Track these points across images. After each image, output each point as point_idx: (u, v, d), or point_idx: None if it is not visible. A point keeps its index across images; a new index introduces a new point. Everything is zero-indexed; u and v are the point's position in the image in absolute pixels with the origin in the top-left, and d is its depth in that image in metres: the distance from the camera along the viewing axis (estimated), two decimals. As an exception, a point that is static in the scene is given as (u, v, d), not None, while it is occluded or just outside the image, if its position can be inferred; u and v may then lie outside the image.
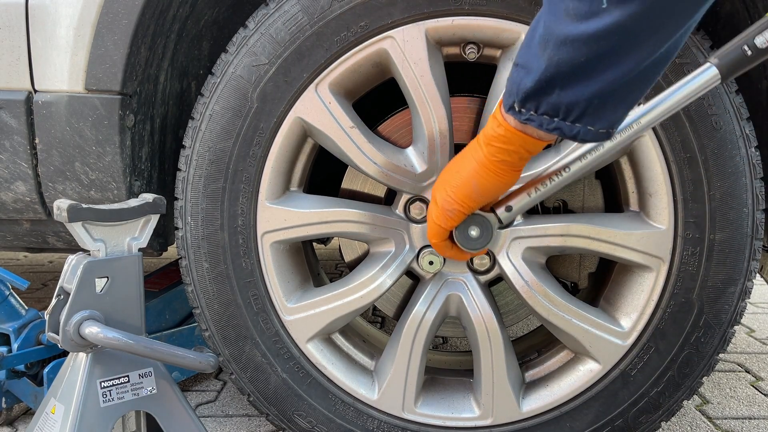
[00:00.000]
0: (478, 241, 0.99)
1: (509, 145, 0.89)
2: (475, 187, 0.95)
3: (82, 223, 1.10)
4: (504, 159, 0.91)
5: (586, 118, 0.81)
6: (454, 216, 0.99)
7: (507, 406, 1.30)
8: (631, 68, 0.76)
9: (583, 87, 0.78)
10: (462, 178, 0.97)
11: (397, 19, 1.17)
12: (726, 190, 1.19)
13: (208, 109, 1.24)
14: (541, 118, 0.83)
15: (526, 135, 0.87)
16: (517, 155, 0.91)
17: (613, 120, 0.82)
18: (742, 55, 0.86)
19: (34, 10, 1.24)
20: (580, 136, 0.82)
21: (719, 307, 1.23)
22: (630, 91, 0.79)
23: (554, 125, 0.82)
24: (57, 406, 1.11)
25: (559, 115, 0.81)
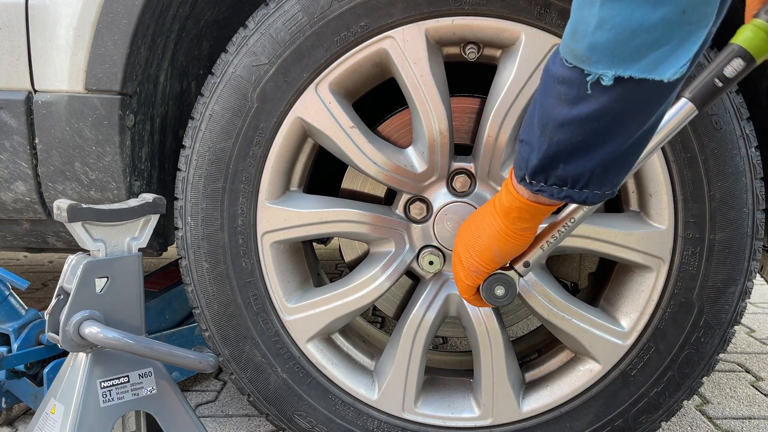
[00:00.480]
0: (505, 298, 1.08)
1: (525, 214, 0.96)
2: (497, 251, 1.02)
3: (82, 223, 1.10)
4: (523, 227, 0.98)
5: (592, 185, 0.86)
6: (479, 275, 1.06)
7: (507, 406, 1.30)
8: (624, 141, 0.81)
9: (585, 161, 0.83)
10: (484, 243, 1.03)
11: (397, 19, 1.17)
12: (726, 190, 1.19)
13: (208, 109, 1.24)
14: (551, 188, 0.88)
15: (540, 204, 0.93)
16: (534, 221, 0.98)
17: (616, 183, 0.88)
18: (713, 87, 0.94)
19: (34, 10, 1.24)
20: (589, 200, 0.88)
21: (719, 307, 1.23)
22: (627, 158, 0.84)
23: (564, 194, 0.88)
24: (57, 406, 1.11)
25: (567, 185, 0.87)
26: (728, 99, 1.16)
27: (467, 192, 1.25)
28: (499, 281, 1.08)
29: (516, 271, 1.08)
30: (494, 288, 1.08)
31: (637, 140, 0.82)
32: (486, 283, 1.08)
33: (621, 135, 0.80)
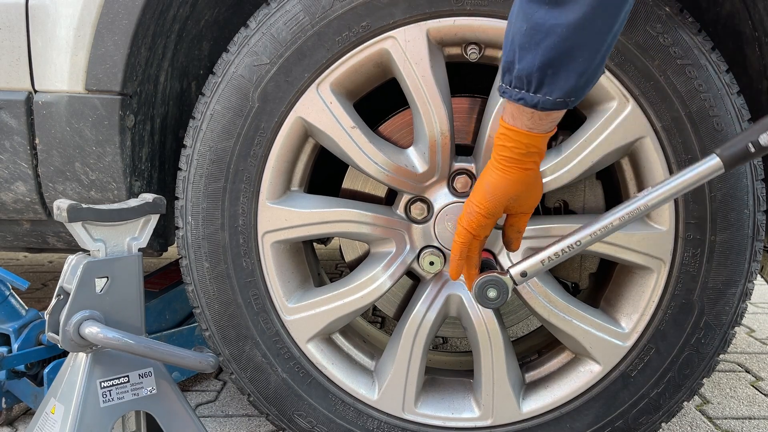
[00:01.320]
0: (495, 301, 1.08)
1: (507, 141, 0.99)
2: (488, 186, 1.03)
3: (82, 223, 1.10)
4: (506, 155, 1.00)
5: (544, 88, 0.90)
6: (472, 218, 1.06)
7: (507, 407, 1.29)
8: (564, 36, 0.85)
9: (532, 56, 0.88)
10: (479, 183, 1.05)
11: (399, 19, 1.17)
12: (727, 191, 1.18)
13: (209, 109, 1.24)
14: (512, 90, 0.93)
15: (516, 128, 0.97)
16: (517, 150, 0.99)
17: (566, 89, 0.90)
18: (745, 151, 0.96)
19: (34, 11, 1.23)
20: (540, 104, 0.91)
21: (720, 308, 1.23)
22: (572, 58, 0.88)
23: (519, 95, 0.92)
24: (57, 406, 1.11)
25: (523, 86, 0.91)
26: (729, 100, 1.16)
27: (468, 192, 1.25)
28: (493, 283, 1.08)
29: (512, 277, 1.08)
30: (486, 289, 1.08)
31: (581, 39, 0.86)
32: (479, 283, 1.08)
33: (558, 28, 0.85)
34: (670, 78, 1.15)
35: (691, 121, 1.17)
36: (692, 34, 1.15)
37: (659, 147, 1.18)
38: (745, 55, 1.30)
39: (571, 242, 1.05)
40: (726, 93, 1.16)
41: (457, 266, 1.11)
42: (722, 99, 1.16)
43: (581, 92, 0.92)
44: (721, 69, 1.16)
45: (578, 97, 0.92)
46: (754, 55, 1.28)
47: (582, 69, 0.89)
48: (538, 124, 0.96)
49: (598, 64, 0.90)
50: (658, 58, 1.15)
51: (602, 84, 1.17)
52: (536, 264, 1.07)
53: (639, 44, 1.15)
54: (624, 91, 1.17)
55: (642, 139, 1.18)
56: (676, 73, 1.15)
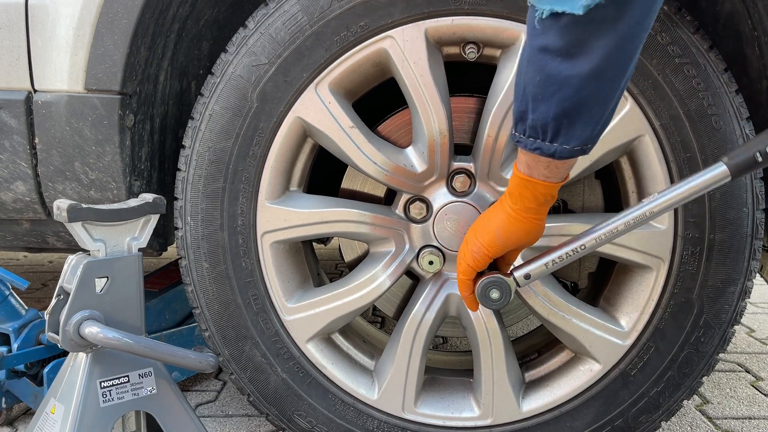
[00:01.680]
0: (498, 302, 1.09)
1: (525, 191, 0.98)
2: (499, 233, 1.03)
3: (81, 223, 1.10)
4: (525, 206, 1.00)
5: (561, 137, 0.89)
6: (479, 258, 1.07)
7: (507, 406, 1.30)
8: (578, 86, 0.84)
9: (547, 107, 0.87)
10: (489, 225, 1.05)
11: (397, 18, 1.17)
12: (726, 189, 1.18)
13: (208, 109, 1.24)
14: (527, 140, 0.91)
15: (533, 179, 0.96)
16: (535, 201, 0.98)
17: (584, 138, 0.89)
18: (753, 160, 0.97)
19: (33, 10, 1.24)
20: (557, 154, 0.90)
21: (719, 306, 1.23)
22: (588, 107, 0.87)
23: (535, 145, 0.91)
24: (57, 406, 1.11)
25: (539, 135, 0.90)
26: (728, 99, 1.16)
27: (467, 192, 1.25)
28: (496, 285, 1.08)
29: (515, 279, 1.08)
30: (489, 291, 1.08)
31: (596, 89, 0.85)
32: (482, 284, 1.08)
33: (572, 80, 0.84)
34: (668, 76, 1.15)
35: (689, 119, 1.17)
36: (690, 32, 1.15)
37: (658, 145, 1.18)
38: (744, 55, 1.30)
39: (576, 246, 1.05)
40: (725, 92, 1.16)
41: (471, 302, 1.12)
42: (721, 98, 1.16)
43: (597, 138, 0.91)
44: (719, 68, 1.16)
45: (594, 142, 0.92)
46: (753, 54, 1.28)
47: (598, 117, 0.88)
48: (554, 173, 0.95)
49: (613, 108, 0.90)
50: (657, 57, 1.15)
51: (601, 83, 1.17)
52: (540, 267, 1.07)
53: (637, 43, 1.14)
54: (623, 90, 1.17)
55: (640, 138, 1.18)
56: (675, 71, 1.15)
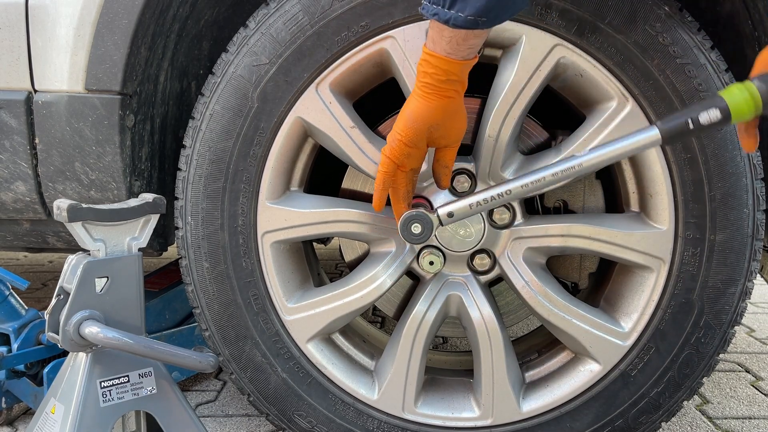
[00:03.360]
0: (419, 237, 1.11)
1: (428, 67, 1.01)
2: (409, 114, 1.06)
3: (82, 223, 1.09)
4: (427, 82, 1.03)
5: (457, 5, 0.93)
6: (395, 146, 1.08)
7: (507, 406, 1.29)
8: None
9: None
10: (402, 112, 1.08)
11: (398, 19, 1.17)
12: (726, 190, 1.18)
13: (209, 109, 1.24)
14: (430, 6, 0.96)
15: (436, 54, 0.99)
16: (437, 77, 1.02)
17: (478, 8, 0.93)
18: (684, 126, 0.97)
19: (34, 10, 1.23)
20: (451, 20, 0.94)
21: (719, 307, 1.23)
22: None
23: (434, 11, 0.95)
24: (57, 406, 1.11)
25: (439, 1, 0.94)
26: (729, 99, 1.16)
27: (467, 192, 1.25)
28: (418, 219, 1.10)
29: (438, 216, 1.10)
30: (411, 225, 1.11)
31: None
32: (404, 218, 1.11)
33: None
34: (669, 77, 1.15)
35: (690, 120, 1.16)
36: (691, 33, 1.15)
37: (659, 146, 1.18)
38: (745, 55, 1.30)
39: (502, 191, 1.07)
40: (725, 92, 1.16)
41: (379, 197, 1.14)
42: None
43: (494, 14, 0.94)
44: (720, 68, 1.16)
45: (490, 18, 0.94)
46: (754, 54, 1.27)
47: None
48: (455, 49, 0.98)
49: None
50: (658, 58, 1.15)
51: (601, 83, 1.17)
52: (464, 207, 1.10)
53: (638, 43, 1.15)
54: (623, 90, 1.17)
55: (641, 139, 1.18)
56: (676, 72, 1.15)
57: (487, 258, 1.29)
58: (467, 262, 1.30)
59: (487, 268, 1.30)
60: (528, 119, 1.31)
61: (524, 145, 1.33)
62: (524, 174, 1.06)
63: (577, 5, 1.14)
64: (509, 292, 1.59)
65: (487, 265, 1.29)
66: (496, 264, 1.29)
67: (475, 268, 1.30)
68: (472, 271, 1.30)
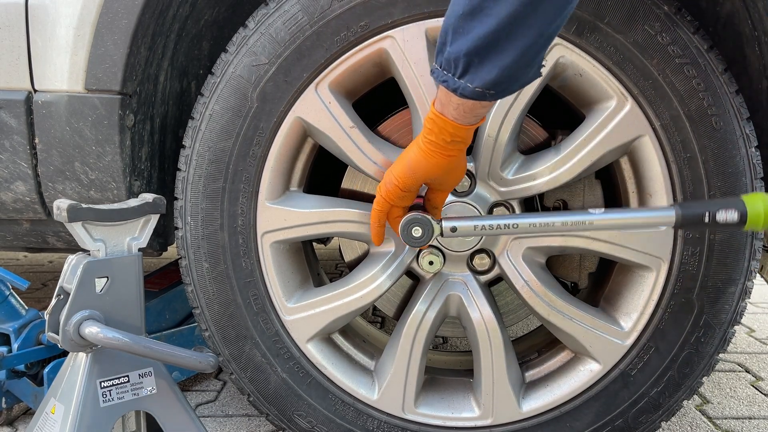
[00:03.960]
0: (419, 240, 1.12)
1: (434, 126, 1.01)
2: (408, 163, 1.07)
3: (81, 223, 1.10)
4: (432, 140, 1.03)
5: (467, 75, 0.91)
6: (390, 188, 1.10)
7: (507, 406, 1.30)
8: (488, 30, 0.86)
9: (463, 40, 0.89)
10: (402, 157, 1.09)
11: (398, 18, 1.17)
12: (726, 190, 1.18)
13: (208, 109, 1.24)
14: (440, 72, 0.94)
15: (443, 116, 0.99)
16: (443, 137, 1.01)
17: (488, 81, 0.91)
18: (701, 219, 0.99)
19: (34, 10, 1.23)
20: (459, 90, 0.93)
21: (719, 307, 1.23)
22: (499, 53, 0.88)
23: (444, 77, 0.94)
24: (57, 406, 1.11)
25: (450, 69, 0.92)
26: (728, 99, 1.16)
27: (467, 192, 1.25)
28: (419, 223, 1.11)
29: (441, 226, 1.11)
30: (412, 228, 1.11)
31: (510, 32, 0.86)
32: (406, 220, 1.11)
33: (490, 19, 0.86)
34: (668, 77, 1.15)
35: (690, 119, 1.17)
36: (690, 32, 1.15)
37: (658, 146, 1.18)
38: (744, 55, 1.30)
39: (509, 222, 1.08)
40: (725, 92, 1.16)
41: (377, 233, 1.17)
42: (721, 98, 1.16)
43: (502, 88, 0.92)
44: (719, 68, 1.16)
45: (498, 91, 0.92)
46: (753, 54, 1.27)
47: (506, 64, 0.89)
48: (463, 116, 0.98)
49: (526, 64, 0.91)
50: (657, 57, 1.15)
51: (600, 83, 1.17)
52: (468, 225, 1.10)
53: (637, 43, 1.15)
54: (622, 89, 1.17)
55: (641, 138, 1.18)
56: (675, 71, 1.15)
57: (486, 258, 1.29)
58: (467, 261, 1.30)
59: (486, 267, 1.30)
60: (527, 119, 1.31)
61: (524, 144, 1.33)
62: (536, 214, 1.06)
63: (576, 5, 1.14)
64: (509, 292, 1.59)
65: (486, 264, 1.30)
66: (495, 264, 1.29)
67: (475, 268, 1.30)
68: (472, 271, 1.30)
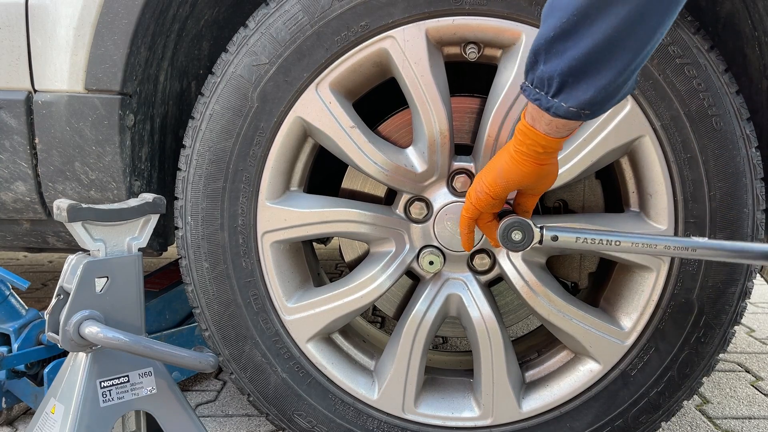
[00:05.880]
0: (520, 244, 1.08)
1: (525, 138, 0.99)
2: (500, 172, 1.04)
3: (81, 223, 1.09)
4: (524, 151, 1.01)
5: (562, 95, 0.89)
6: (481, 196, 1.08)
7: (507, 406, 1.29)
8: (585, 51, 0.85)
9: (557, 61, 0.87)
10: (494, 165, 1.06)
11: (398, 18, 1.17)
12: (726, 190, 1.19)
13: (209, 109, 1.24)
14: (532, 89, 0.92)
15: (534, 129, 0.97)
16: (534, 149, 0.99)
17: (582, 101, 0.89)
18: None
19: (34, 10, 1.23)
20: (552, 109, 0.91)
21: (719, 307, 1.23)
22: (596, 74, 0.87)
23: (537, 96, 0.92)
24: (57, 406, 1.11)
25: (543, 87, 0.90)
26: (729, 99, 1.16)
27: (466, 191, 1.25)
28: (520, 226, 1.07)
29: (542, 233, 1.08)
30: (512, 231, 1.08)
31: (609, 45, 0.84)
32: (506, 223, 1.08)
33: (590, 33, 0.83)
34: (669, 77, 1.15)
35: (690, 120, 1.17)
36: (691, 33, 1.15)
37: (658, 146, 1.18)
38: (744, 55, 1.30)
39: (611, 239, 1.05)
40: (725, 92, 1.16)
41: (467, 239, 1.15)
42: (721, 98, 1.16)
43: (598, 107, 0.91)
44: (720, 68, 1.16)
45: (594, 111, 0.91)
46: (753, 54, 1.28)
47: (603, 84, 0.87)
48: (555, 130, 0.95)
49: (623, 82, 0.89)
50: (657, 57, 1.15)
51: (601, 83, 1.17)
52: (570, 237, 1.07)
53: (638, 43, 1.14)
54: (623, 90, 1.17)
55: (641, 138, 1.18)
56: (675, 72, 1.15)
57: (486, 258, 1.29)
58: (467, 261, 1.30)
59: (486, 267, 1.30)
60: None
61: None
62: (639, 234, 1.05)
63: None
64: (509, 292, 1.59)
65: (486, 264, 1.30)
66: (495, 264, 1.29)
67: (475, 268, 1.30)
68: (472, 270, 1.30)
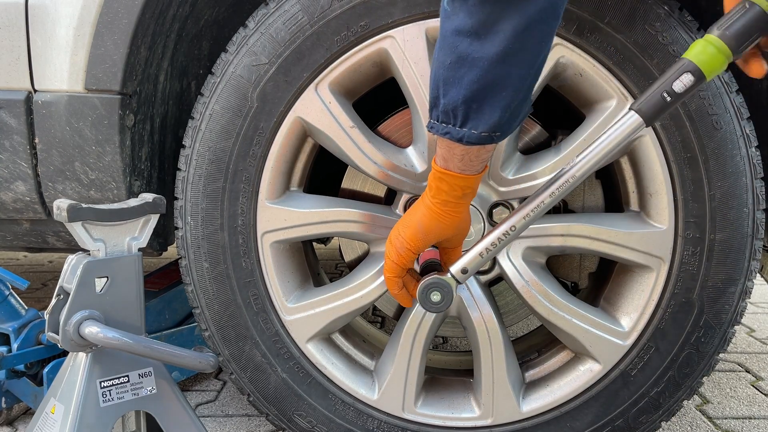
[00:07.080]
0: (440, 305, 1.06)
1: (442, 184, 0.98)
2: (421, 227, 1.04)
3: (81, 223, 1.09)
4: (443, 199, 1.00)
5: (470, 123, 0.90)
6: (403, 253, 1.07)
7: (507, 406, 1.29)
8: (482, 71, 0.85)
9: (456, 90, 0.88)
10: (411, 220, 1.05)
11: (398, 18, 1.17)
12: (726, 189, 1.18)
13: (208, 109, 1.24)
14: (439, 125, 0.93)
15: (449, 172, 0.96)
16: (454, 194, 0.99)
17: (491, 124, 0.89)
18: (662, 101, 0.94)
19: (33, 10, 1.24)
20: (465, 138, 0.91)
21: (719, 307, 1.23)
22: (496, 94, 0.87)
23: (446, 129, 0.92)
24: (57, 406, 1.11)
25: (449, 120, 0.91)
26: (729, 99, 1.16)
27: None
28: (436, 287, 1.05)
29: (453, 276, 1.06)
30: (430, 294, 1.06)
31: (503, 72, 0.85)
32: (422, 287, 1.06)
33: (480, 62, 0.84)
34: (668, 75, 1.15)
35: (690, 119, 1.17)
36: (691, 32, 1.15)
37: (658, 145, 1.18)
38: (744, 54, 1.29)
39: (506, 229, 1.03)
40: (725, 91, 1.16)
41: (404, 299, 1.13)
42: (721, 97, 1.16)
43: (507, 127, 0.91)
44: (720, 68, 1.16)
45: (504, 131, 0.92)
46: (753, 54, 1.27)
47: (506, 103, 0.88)
48: (469, 166, 0.95)
49: (523, 98, 0.90)
50: (657, 57, 1.15)
51: (601, 83, 1.17)
52: (475, 258, 1.05)
53: (638, 43, 1.15)
54: (623, 89, 1.17)
55: (641, 138, 1.18)
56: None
57: (486, 258, 1.29)
58: (467, 261, 1.30)
59: (487, 267, 1.30)
60: (528, 119, 1.31)
61: (524, 144, 1.33)
62: (521, 206, 1.03)
63: (576, 5, 1.14)
64: (509, 292, 1.59)
65: (487, 265, 1.29)
66: (495, 264, 1.29)
67: (475, 268, 1.30)
68: (472, 270, 1.30)
